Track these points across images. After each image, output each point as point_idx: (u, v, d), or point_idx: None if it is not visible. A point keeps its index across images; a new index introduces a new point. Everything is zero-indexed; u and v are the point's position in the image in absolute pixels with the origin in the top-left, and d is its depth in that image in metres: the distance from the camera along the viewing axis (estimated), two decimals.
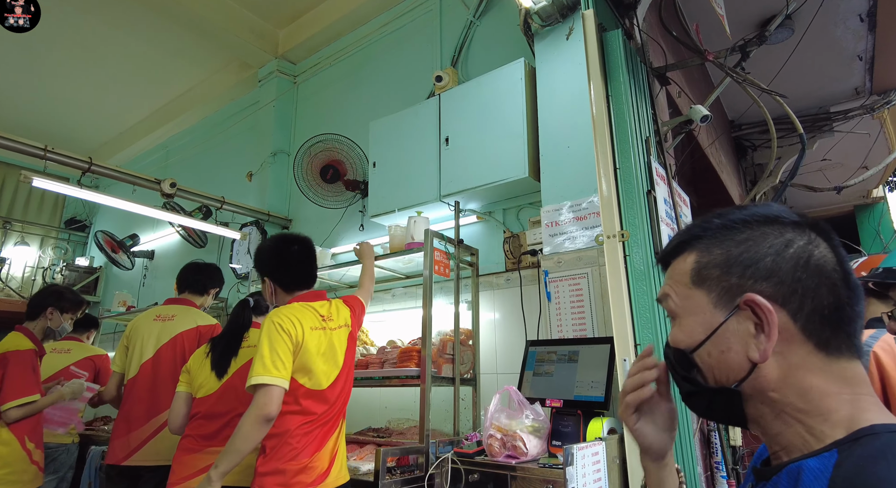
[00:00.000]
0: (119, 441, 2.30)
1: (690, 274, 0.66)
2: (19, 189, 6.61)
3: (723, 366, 0.63)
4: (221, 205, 3.80)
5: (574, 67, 2.37)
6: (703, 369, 0.65)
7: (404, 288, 3.15)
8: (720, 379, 0.63)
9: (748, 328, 0.61)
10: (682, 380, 0.68)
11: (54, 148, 2.99)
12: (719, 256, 0.64)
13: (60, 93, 5.36)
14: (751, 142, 5.12)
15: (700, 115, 2.30)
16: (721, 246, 0.65)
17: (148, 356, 2.39)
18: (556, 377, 1.94)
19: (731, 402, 0.63)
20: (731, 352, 0.62)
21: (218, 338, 2.15)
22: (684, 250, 0.69)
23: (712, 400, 0.65)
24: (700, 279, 0.65)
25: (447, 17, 3.48)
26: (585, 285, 2.12)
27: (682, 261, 0.68)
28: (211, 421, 1.98)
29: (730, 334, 0.62)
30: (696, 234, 0.68)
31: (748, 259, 0.62)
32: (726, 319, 0.62)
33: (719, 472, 1.99)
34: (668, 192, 2.26)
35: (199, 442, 1.96)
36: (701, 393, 0.66)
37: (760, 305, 0.59)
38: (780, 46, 3.56)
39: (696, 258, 0.66)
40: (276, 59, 4.48)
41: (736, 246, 0.63)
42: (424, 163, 2.88)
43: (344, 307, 1.97)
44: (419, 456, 2.04)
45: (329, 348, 1.81)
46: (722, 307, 0.63)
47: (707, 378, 0.64)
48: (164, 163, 5.80)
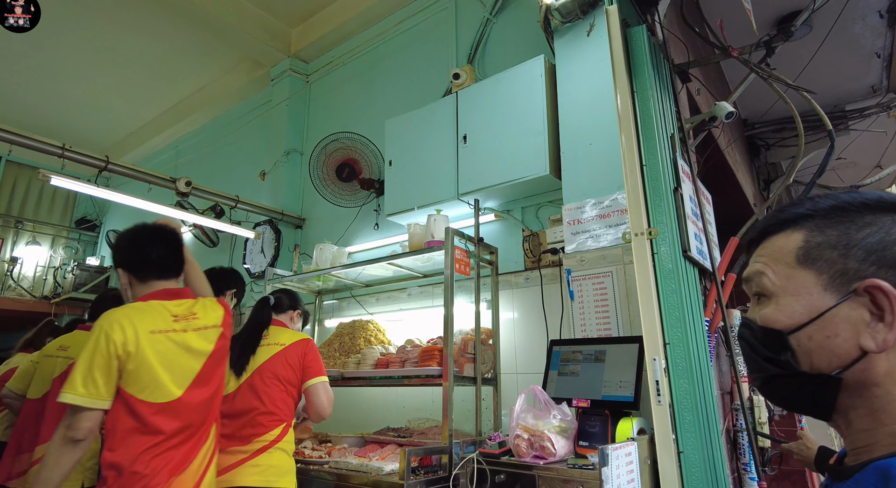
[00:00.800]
0: None
1: (797, 252, 0.63)
2: (31, 189, 6.64)
3: (825, 352, 0.60)
4: (236, 204, 3.80)
5: (596, 64, 2.35)
6: (797, 352, 0.61)
7: (420, 287, 3.13)
8: (818, 365, 0.60)
9: (862, 315, 0.58)
10: (766, 363, 0.64)
11: (71, 146, 2.99)
12: (835, 237, 0.61)
13: (73, 93, 5.37)
14: (764, 141, 5.08)
15: (725, 111, 2.28)
16: (838, 227, 0.61)
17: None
18: (583, 377, 1.92)
19: (824, 390, 0.60)
20: (838, 338, 0.59)
21: (237, 336, 2.12)
22: (788, 227, 0.65)
23: (802, 385, 0.62)
24: (809, 259, 0.62)
25: (462, 15, 3.46)
26: (610, 284, 2.10)
27: (783, 238, 0.65)
28: (232, 420, 1.96)
29: (839, 319, 0.59)
30: (803, 213, 0.64)
31: (873, 244, 0.59)
32: (838, 303, 0.59)
33: (747, 474, 1.96)
34: (692, 190, 2.24)
35: (220, 441, 1.92)
36: (790, 377, 0.62)
37: (887, 293, 0.56)
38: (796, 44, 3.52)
39: (805, 237, 0.63)
40: (288, 57, 4.47)
41: (857, 229, 0.60)
42: (442, 161, 2.86)
43: (216, 306, 1.75)
44: (442, 456, 2.02)
45: (180, 352, 1.58)
46: (834, 290, 0.60)
47: (801, 362, 0.61)
48: (175, 162, 5.81)
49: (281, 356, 2.04)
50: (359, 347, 2.83)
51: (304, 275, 3.17)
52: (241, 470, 1.85)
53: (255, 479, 1.85)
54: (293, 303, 2.32)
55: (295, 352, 2.06)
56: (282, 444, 1.94)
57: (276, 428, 1.94)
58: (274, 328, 2.16)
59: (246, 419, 1.95)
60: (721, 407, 1.99)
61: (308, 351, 2.09)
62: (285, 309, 2.28)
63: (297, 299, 2.35)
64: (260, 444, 1.90)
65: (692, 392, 1.71)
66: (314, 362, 2.08)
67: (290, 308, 2.29)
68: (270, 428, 1.93)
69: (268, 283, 3.23)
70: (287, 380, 2.01)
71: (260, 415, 1.94)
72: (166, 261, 1.70)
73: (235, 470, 1.85)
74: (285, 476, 1.91)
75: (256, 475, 1.85)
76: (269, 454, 1.90)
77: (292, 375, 2.03)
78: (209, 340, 1.66)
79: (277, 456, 1.91)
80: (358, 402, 3.13)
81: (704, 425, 1.72)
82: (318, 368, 2.08)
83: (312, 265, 3.22)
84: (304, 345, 2.10)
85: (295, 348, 2.07)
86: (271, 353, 2.05)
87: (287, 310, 2.28)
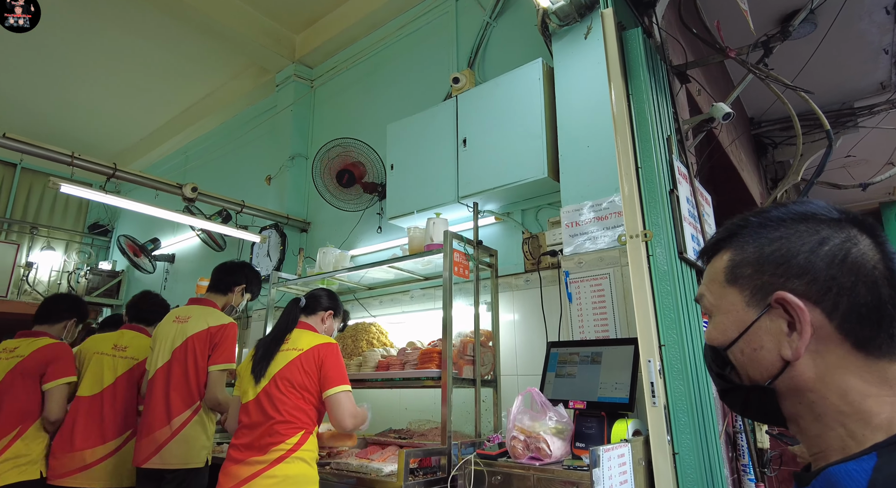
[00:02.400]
0: (141, 442, 2.28)
1: (724, 272, 0.67)
2: (45, 195, 6.77)
3: (755, 364, 0.63)
4: (241, 209, 3.85)
5: (593, 66, 2.35)
6: (736, 366, 0.65)
7: (422, 289, 3.16)
8: (753, 377, 0.64)
9: (781, 326, 0.61)
10: (716, 378, 0.69)
11: (80, 154, 3.06)
12: (752, 254, 0.65)
13: (84, 101, 5.48)
14: (771, 139, 5.03)
15: (722, 112, 2.27)
16: (754, 243, 0.65)
17: (164, 360, 2.35)
18: (579, 378, 1.93)
19: (765, 400, 0.63)
20: (762, 350, 0.62)
21: (261, 340, 2.08)
22: (721, 248, 0.69)
23: (747, 397, 0.66)
24: (733, 277, 0.66)
25: (463, 19, 3.48)
26: (607, 286, 2.10)
27: (718, 259, 0.69)
28: (251, 430, 1.90)
29: (762, 332, 0.62)
30: (732, 232, 0.68)
31: (780, 257, 0.62)
32: (758, 317, 0.62)
33: (746, 475, 1.96)
34: (690, 191, 2.24)
35: (241, 451, 1.89)
36: (736, 390, 0.67)
37: (791, 303, 0.59)
38: (801, 41, 3.50)
39: (731, 256, 0.67)
40: (293, 63, 4.53)
41: (769, 243, 0.64)
42: (442, 164, 2.88)
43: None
44: (441, 457, 2.04)
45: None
46: (754, 305, 0.63)
47: (741, 375, 0.65)
48: (184, 168, 5.90)
49: (297, 362, 1.94)
50: (361, 350, 2.85)
51: (307, 278, 3.20)
52: (258, 481, 1.78)
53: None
54: (327, 303, 2.20)
55: (311, 358, 1.95)
56: (301, 453, 1.85)
57: (294, 436, 1.86)
58: (297, 331, 2.05)
59: (263, 428, 1.87)
60: (720, 408, 1.99)
61: (326, 356, 1.96)
62: (316, 310, 2.17)
63: (334, 299, 2.25)
64: (277, 454, 1.82)
65: (688, 393, 1.71)
66: (333, 369, 1.95)
67: (322, 308, 2.18)
68: (288, 436, 1.85)
69: (272, 287, 3.28)
70: (303, 387, 1.91)
71: (277, 424, 1.86)
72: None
73: (252, 482, 1.78)
74: (305, 486, 1.84)
75: (273, 487, 1.78)
76: (287, 464, 1.82)
77: (308, 382, 1.92)
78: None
79: (296, 466, 1.83)
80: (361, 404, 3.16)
81: (701, 426, 1.72)
82: (338, 376, 1.95)
83: (316, 268, 3.26)
84: (322, 349, 1.98)
85: (312, 353, 1.96)
86: (288, 359, 1.95)
87: (318, 311, 2.17)
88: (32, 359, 2.48)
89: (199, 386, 2.32)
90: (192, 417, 2.28)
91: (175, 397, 2.28)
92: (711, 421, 1.77)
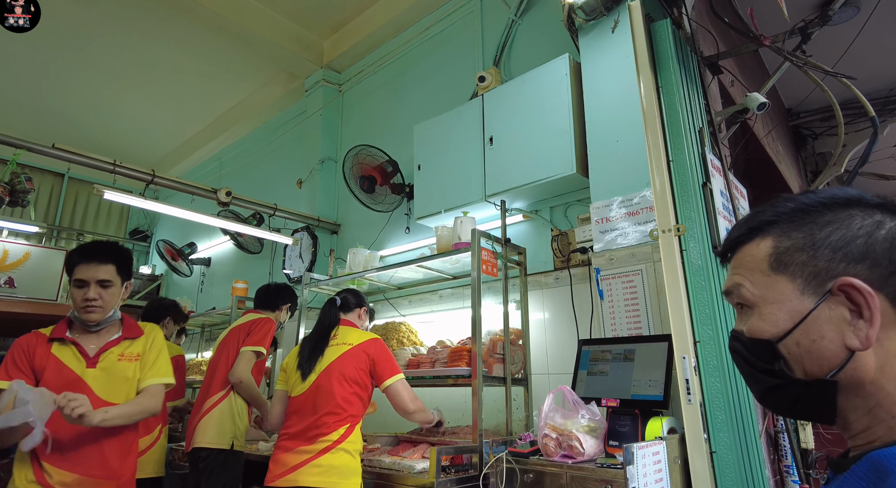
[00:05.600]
0: (188, 429, 2.55)
1: (769, 260, 0.63)
2: (90, 203, 7.08)
3: (815, 356, 0.58)
4: (274, 212, 3.94)
5: (621, 60, 2.32)
6: (790, 360, 0.60)
7: (451, 289, 3.17)
8: (811, 371, 0.59)
9: (842, 314, 0.57)
10: (761, 375, 0.63)
11: (122, 162, 3.19)
12: (801, 240, 0.61)
13: (123, 111, 5.71)
14: (810, 130, 4.84)
15: (757, 102, 2.20)
16: (802, 229, 0.61)
17: (213, 352, 2.70)
18: (612, 376, 1.90)
19: (822, 395, 0.59)
20: (824, 341, 0.58)
21: (307, 338, 2.22)
22: (755, 236, 0.65)
23: (801, 393, 0.60)
24: (781, 264, 0.62)
25: (488, 18, 3.48)
26: (640, 282, 2.07)
27: (753, 247, 0.65)
28: (301, 419, 2.02)
29: (822, 321, 0.58)
30: (767, 220, 0.64)
31: (836, 241, 0.58)
32: (817, 305, 0.58)
33: (790, 476, 1.89)
34: (724, 184, 2.18)
35: (290, 440, 2.01)
36: (787, 386, 0.61)
37: (860, 289, 0.56)
38: (842, 26, 3.35)
39: (773, 243, 0.63)
40: (321, 68, 4.61)
41: (819, 229, 0.60)
42: (469, 163, 2.89)
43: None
44: (473, 455, 2.04)
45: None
46: (810, 293, 0.59)
47: (794, 369, 0.60)
48: (218, 173, 6.07)
49: (349, 356, 2.07)
50: (392, 348, 2.88)
51: (338, 279, 3.25)
52: (305, 470, 1.90)
53: (317, 480, 1.88)
54: (359, 301, 2.38)
55: (364, 353, 2.09)
56: (345, 445, 1.95)
57: (340, 428, 1.96)
58: (343, 328, 2.20)
59: (312, 419, 1.98)
60: (759, 406, 1.92)
61: (377, 351, 2.11)
62: (352, 307, 2.33)
63: (362, 297, 2.42)
64: (324, 444, 1.93)
65: (724, 391, 1.67)
66: (385, 362, 2.10)
67: (356, 306, 2.35)
68: (335, 428, 1.96)
69: (304, 287, 3.34)
70: (354, 380, 2.03)
71: (325, 415, 1.97)
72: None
73: (299, 470, 1.90)
74: (349, 477, 1.93)
75: (318, 475, 1.88)
76: (332, 454, 1.92)
77: (361, 376, 2.05)
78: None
79: (340, 457, 1.93)
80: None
81: (739, 425, 1.67)
82: (392, 367, 2.10)
83: (346, 269, 3.31)
84: (373, 344, 2.12)
85: (363, 348, 2.10)
86: (339, 353, 2.08)
87: (354, 309, 2.34)
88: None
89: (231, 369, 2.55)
90: (223, 399, 2.49)
91: (215, 382, 2.55)
92: (751, 420, 1.72)
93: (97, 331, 1.84)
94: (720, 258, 0.71)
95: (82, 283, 1.79)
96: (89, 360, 1.77)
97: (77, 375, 1.74)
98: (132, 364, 1.83)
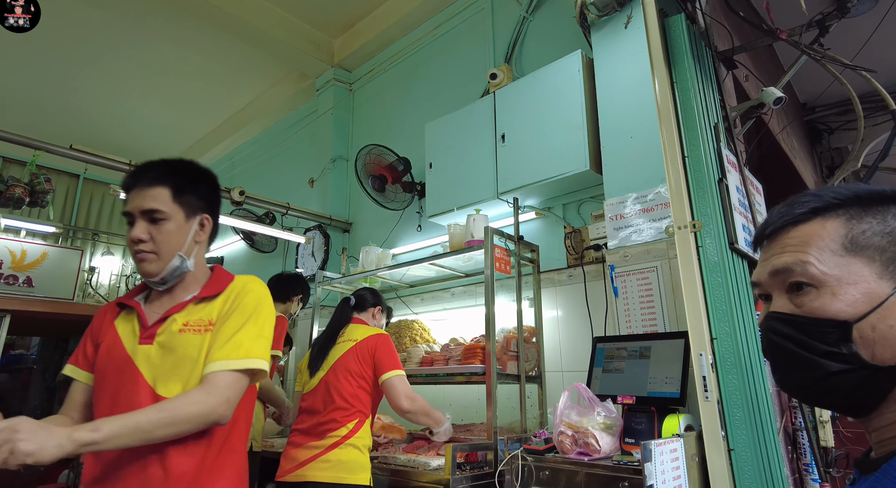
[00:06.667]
0: None
1: (842, 240, 0.61)
2: (105, 204, 7.18)
3: (890, 341, 0.57)
4: (287, 211, 3.96)
5: (634, 56, 2.30)
6: (858, 344, 0.58)
7: (464, 287, 3.17)
8: (881, 356, 0.57)
9: None
10: (822, 358, 0.59)
11: (137, 162, 3.22)
12: (877, 225, 0.61)
13: (136, 112, 5.78)
14: (826, 125, 4.78)
15: (773, 97, 2.18)
16: (874, 215, 0.61)
17: None
18: (627, 373, 1.89)
19: (883, 382, 0.57)
20: None
21: (318, 338, 2.27)
22: (817, 216, 0.63)
23: (867, 379, 0.57)
24: (857, 246, 0.60)
25: (499, 15, 3.47)
26: (655, 279, 2.05)
27: (816, 226, 0.63)
28: (310, 416, 2.06)
29: None
30: (830, 202, 0.63)
31: None
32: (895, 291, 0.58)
33: (809, 475, 1.87)
34: (739, 180, 2.16)
35: (300, 436, 2.05)
36: (853, 372, 0.58)
37: None
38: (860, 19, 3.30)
39: (846, 224, 0.62)
40: (332, 67, 4.63)
41: (893, 217, 0.61)
42: (481, 161, 2.88)
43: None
44: (488, 452, 2.05)
45: None
46: (888, 278, 0.58)
47: (864, 354, 0.57)
48: (231, 173, 6.12)
49: (352, 351, 2.12)
50: (405, 346, 2.89)
51: (351, 277, 3.27)
52: (314, 465, 1.93)
53: (326, 475, 1.91)
54: (376, 300, 2.41)
55: (366, 347, 2.12)
56: (354, 440, 1.98)
57: (349, 423, 2.00)
58: (351, 325, 2.26)
59: (321, 415, 2.03)
60: (777, 404, 1.91)
61: (379, 345, 2.13)
62: (367, 306, 2.37)
63: (378, 296, 2.44)
64: (333, 439, 1.97)
65: (742, 388, 1.65)
66: (386, 356, 2.11)
67: (372, 305, 2.38)
68: (344, 423, 1.99)
69: (318, 285, 3.36)
70: (358, 375, 2.07)
71: (333, 411, 2.01)
72: None
73: (308, 466, 1.94)
74: (357, 472, 1.95)
75: (327, 470, 1.92)
76: (341, 449, 1.95)
77: (363, 369, 2.08)
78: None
79: (348, 452, 1.96)
80: None
81: (757, 422, 1.66)
82: (392, 362, 2.11)
83: (359, 267, 3.32)
84: (376, 339, 2.15)
85: (366, 343, 2.14)
86: (344, 350, 2.14)
87: (368, 308, 2.37)
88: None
89: None
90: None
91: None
92: (769, 418, 1.70)
93: (163, 289, 1.28)
94: (754, 242, 0.70)
95: (129, 217, 1.26)
96: (144, 332, 1.22)
97: (127, 354, 1.20)
98: (199, 336, 1.21)
